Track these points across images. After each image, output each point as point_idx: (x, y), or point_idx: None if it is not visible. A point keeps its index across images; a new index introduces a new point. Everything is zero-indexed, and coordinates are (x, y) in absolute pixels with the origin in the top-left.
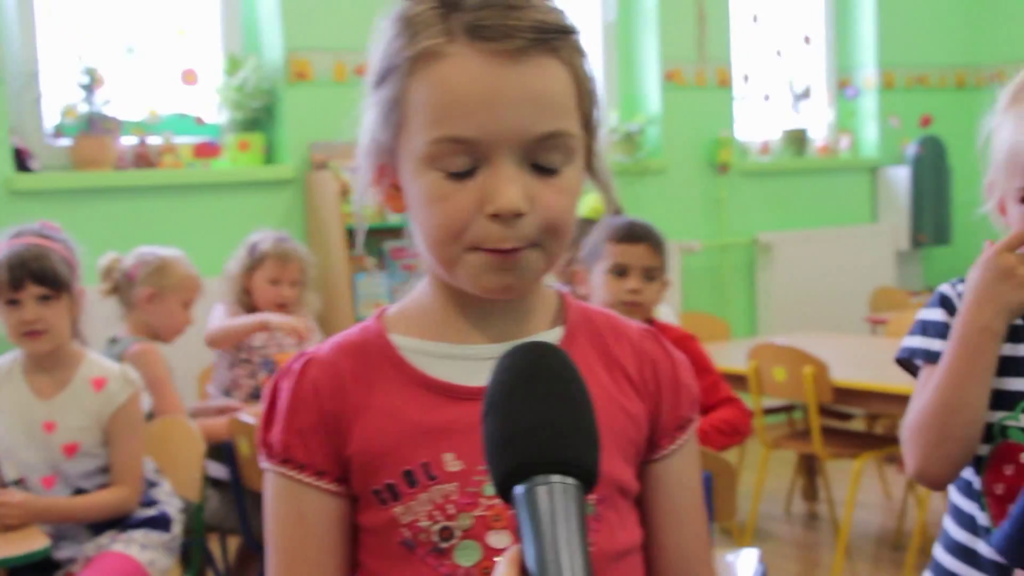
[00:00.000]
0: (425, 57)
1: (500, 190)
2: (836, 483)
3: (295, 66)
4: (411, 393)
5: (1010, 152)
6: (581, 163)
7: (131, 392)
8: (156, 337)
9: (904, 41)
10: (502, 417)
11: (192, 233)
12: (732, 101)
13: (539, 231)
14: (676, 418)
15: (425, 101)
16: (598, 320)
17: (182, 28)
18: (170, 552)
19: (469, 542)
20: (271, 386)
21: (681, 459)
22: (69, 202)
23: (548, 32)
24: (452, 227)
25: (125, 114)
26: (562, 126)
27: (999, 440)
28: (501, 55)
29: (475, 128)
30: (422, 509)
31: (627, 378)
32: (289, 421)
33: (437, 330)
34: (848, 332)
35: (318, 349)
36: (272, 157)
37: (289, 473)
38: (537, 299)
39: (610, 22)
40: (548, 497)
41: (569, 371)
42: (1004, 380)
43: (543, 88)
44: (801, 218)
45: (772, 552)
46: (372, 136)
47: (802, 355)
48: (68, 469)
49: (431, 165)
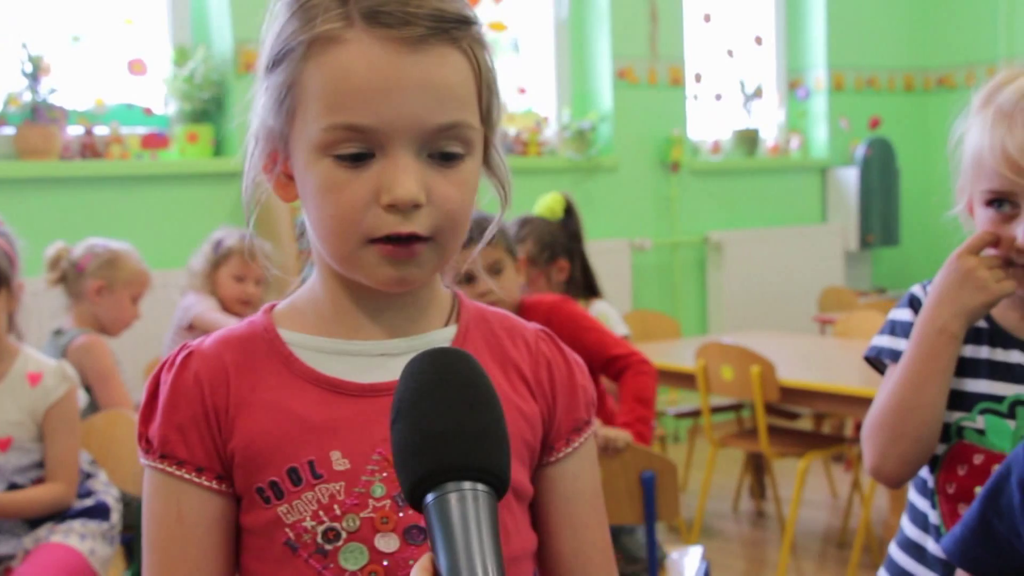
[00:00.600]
0: (321, 42)
1: (397, 180)
2: (783, 481)
3: (244, 57)
4: (299, 389)
5: (976, 156)
6: (479, 156)
7: (67, 387)
8: (102, 330)
9: (854, 43)
10: (411, 424)
11: (140, 225)
12: (684, 100)
13: (435, 224)
14: (572, 420)
15: (320, 87)
16: (493, 320)
17: (130, 17)
18: (110, 541)
19: (355, 544)
20: (152, 378)
21: (577, 462)
22: (13, 192)
23: (448, 21)
24: (347, 217)
25: (71, 103)
26: (461, 117)
27: (955, 440)
28: (400, 42)
29: (372, 116)
30: (307, 509)
31: (522, 379)
32: (168, 415)
33: (328, 325)
34: (797, 331)
35: (201, 342)
36: (221, 149)
37: (168, 469)
38: (431, 297)
39: (562, 19)
40: (460, 504)
41: (478, 377)
42: (962, 381)
43: (442, 78)
44: (751, 217)
45: (719, 549)
46: (263, 122)
47: (749, 354)
48: (2, 463)
49: (325, 153)
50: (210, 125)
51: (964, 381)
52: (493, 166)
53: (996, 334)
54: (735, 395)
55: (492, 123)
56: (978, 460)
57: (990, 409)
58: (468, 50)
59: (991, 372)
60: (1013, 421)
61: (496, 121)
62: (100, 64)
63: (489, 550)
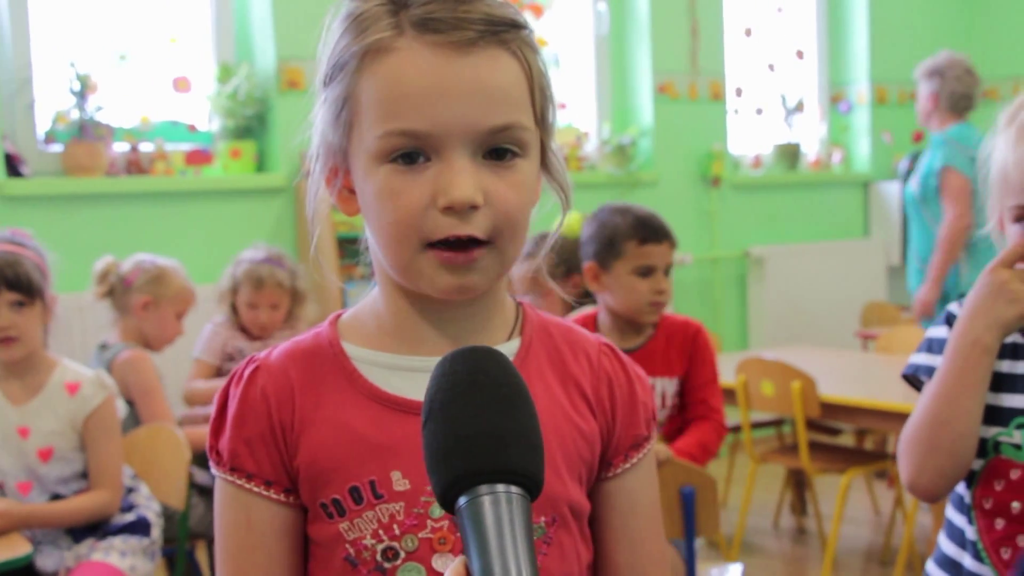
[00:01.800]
0: (374, 52)
1: (453, 182)
2: (824, 498)
3: (287, 74)
4: (362, 406)
5: (1002, 173)
6: (536, 159)
7: (105, 396)
8: (147, 345)
9: (896, 57)
10: (442, 425)
11: (183, 241)
12: (724, 114)
13: (493, 226)
14: (631, 436)
15: (374, 96)
16: (556, 334)
17: (174, 36)
18: (150, 557)
19: (413, 564)
20: (221, 392)
21: (635, 478)
22: (60, 208)
23: (498, 24)
24: (405, 221)
25: (117, 121)
26: (514, 119)
27: (992, 455)
28: (450, 47)
29: (425, 121)
30: (367, 527)
31: (582, 395)
32: (237, 430)
33: (390, 340)
34: (839, 347)
35: (268, 355)
36: (263, 165)
37: (238, 482)
38: (494, 308)
39: (603, 34)
40: (493, 507)
41: (510, 376)
42: (1000, 396)
43: (494, 80)
44: (793, 232)
45: (759, 566)
46: (323, 137)
47: (790, 370)
48: (44, 474)
49: (382, 161)
50: (253, 141)
51: (1001, 396)
52: (551, 169)
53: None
54: (776, 411)
55: (547, 126)
56: (1015, 475)
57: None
58: (519, 53)
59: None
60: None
61: (552, 124)
62: (145, 82)
63: (523, 553)
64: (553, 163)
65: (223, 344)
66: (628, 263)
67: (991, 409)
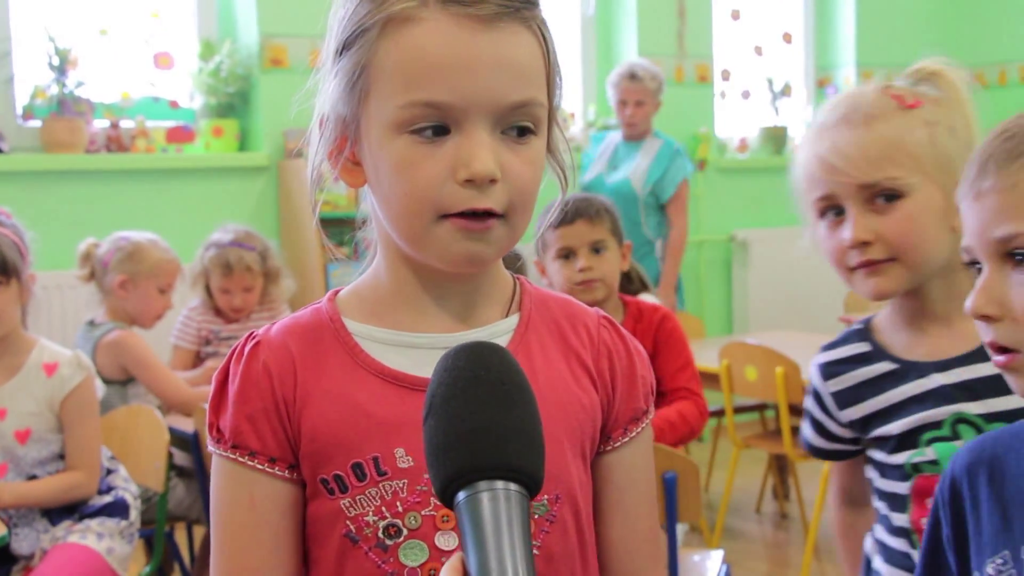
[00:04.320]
0: (396, 21)
1: (475, 155)
2: (807, 483)
3: (270, 52)
4: (365, 382)
5: (803, 172)
6: (545, 136)
7: (83, 376)
8: (134, 322)
9: (883, 41)
10: (443, 421)
11: (164, 219)
12: (711, 97)
13: (509, 200)
14: (630, 410)
15: (396, 65)
16: (555, 307)
17: (156, 11)
18: (128, 539)
19: (416, 542)
20: (221, 369)
21: (632, 452)
22: (39, 185)
23: (518, 0)
24: (422, 194)
25: (97, 97)
26: (533, 95)
27: (914, 476)
28: (474, 20)
29: (449, 93)
30: (370, 504)
31: (584, 368)
32: (240, 406)
33: (390, 314)
34: (823, 331)
35: (268, 330)
36: (246, 144)
37: (240, 459)
38: (493, 284)
39: (589, 16)
40: (491, 504)
41: (513, 373)
42: (898, 424)
43: (516, 55)
44: (778, 216)
45: (742, 551)
46: (332, 107)
47: (774, 354)
48: (22, 456)
49: (401, 131)
50: (235, 119)
51: (901, 423)
52: (553, 147)
53: (910, 369)
54: (759, 396)
55: (556, 104)
56: None
57: (936, 437)
58: (537, 31)
59: (921, 403)
60: (960, 440)
61: (558, 103)
62: (126, 58)
63: (520, 551)
64: (556, 141)
65: (197, 329)
66: (551, 251)
67: (897, 439)
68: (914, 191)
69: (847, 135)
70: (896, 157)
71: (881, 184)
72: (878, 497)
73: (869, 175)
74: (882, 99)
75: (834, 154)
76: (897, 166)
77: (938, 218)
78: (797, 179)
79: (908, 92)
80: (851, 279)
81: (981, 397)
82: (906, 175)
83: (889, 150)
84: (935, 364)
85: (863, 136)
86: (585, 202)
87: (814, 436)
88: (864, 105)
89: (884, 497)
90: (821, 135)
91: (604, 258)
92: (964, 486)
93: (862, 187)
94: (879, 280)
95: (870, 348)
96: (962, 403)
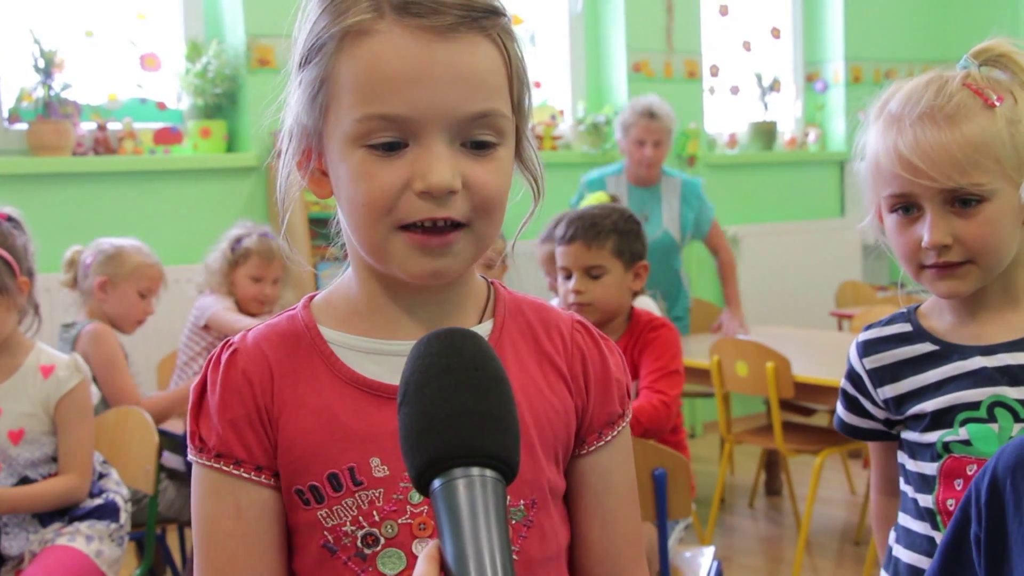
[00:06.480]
0: (353, 34)
1: (431, 167)
2: (799, 478)
3: (257, 52)
4: (340, 391)
5: (874, 164)
6: (511, 145)
7: (80, 379)
8: (115, 327)
9: (872, 36)
10: (417, 408)
11: (152, 222)
12: (700, 93)
13: (471, 209)
14: (605, 414)
15: (353, 79)
16: (529, 312)
17: (142, 12)
18: (118, 542)
19: (393, 550)
20: (200, 378)
21: (609, 456)
22: (26, 188)
23: (477, 11)
24: (379, 204)
25: (84, 99)
26: (493, 106)
27: (944, 456)
28: (430, 31)
29: (405, 105)
30: (347, 514)
31: (557, 372)
32: (222, 413)
33: (363, 322)
34: (814, 326)
35: (243, 337)
36: (234, 145)
37: (225, 468)
38: (467, 290)
39: (578, 12)
40: (467, 490)
41: (487, 358)
42: (935, 402)
43: (473, 66)
44: (768, 212)
45: (735, 546)
46: (296, 119)
47: (764, 350)
48: (14, 456)
49: (358, 144)
50: (223, 120)
51: (937, 400)
52: (525, 158)
53: (952, 350)
54: (750, 391)
55: (524, 114)
56: (972, 471)
57: (970, 418)
58: (498, 40)
59: (960, 383)
60: (995, 424)
61: (528, 112)
62: (113, 59)
63: (497, 537)
64: (527, 153)
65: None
66: (555, 265)
67: (932, 415)
68: (996, 196)
69: (931, 135)
70: (981, 163)
71: (965, 189)
72: (906, 480)
73: (954, 180)
74: (965, 95)
75: (917, 154)
76: (982, 172)
77: (1014, 218)
78: (866, 167)
79: (989, 85)
80: (920, 276)
81: (1023, 383)
82: (990, 181)
83: (975, 155)
84: (980, 348)
85: (948, 138)
86: (590, 222)
87: (846, 413)
88: (947, 101)
89: (912, 479)
90: (900, 128)
91: (601, 283)
92: (1007, 486)
93: (944, 191)
94: (953, 283)
95: (912, 329)
96: (1002, 387)
